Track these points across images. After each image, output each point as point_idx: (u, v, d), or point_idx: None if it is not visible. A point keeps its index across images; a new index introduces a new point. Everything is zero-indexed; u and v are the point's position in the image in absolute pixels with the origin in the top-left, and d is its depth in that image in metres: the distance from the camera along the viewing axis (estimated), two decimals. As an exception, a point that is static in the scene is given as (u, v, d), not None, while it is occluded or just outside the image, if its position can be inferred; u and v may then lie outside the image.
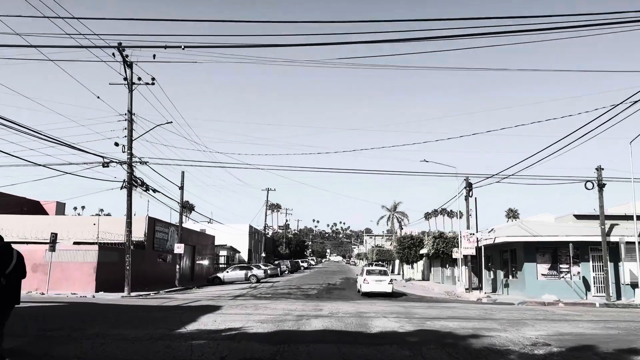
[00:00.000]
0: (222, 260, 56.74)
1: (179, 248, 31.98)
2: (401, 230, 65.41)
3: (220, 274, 38.07)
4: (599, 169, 24.46)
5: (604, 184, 24.32)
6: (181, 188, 33.21)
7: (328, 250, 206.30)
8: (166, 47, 26.34)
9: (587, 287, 25.14)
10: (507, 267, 28.29)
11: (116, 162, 24.41)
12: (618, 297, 24.60)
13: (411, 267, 55.95)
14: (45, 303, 18.35)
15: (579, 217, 28.06)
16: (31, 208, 37.32)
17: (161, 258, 34.14)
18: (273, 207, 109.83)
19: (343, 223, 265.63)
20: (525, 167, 28.31)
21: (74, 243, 27.98)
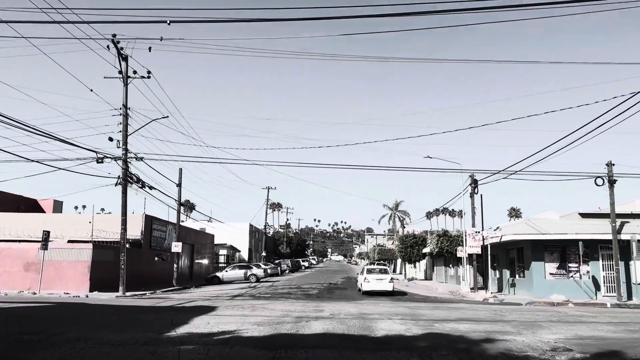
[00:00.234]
0: (222, 259, 55.98)
1: (177, 247, 31.20)
2: (403, 229, 64.55)
3: (219, 274, 37.29)
4: (610, 165, 23.63)
5: (615, 180, 23.48)
6: (179, 185, 32.46)
7: (329, 249, 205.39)
8: (162, 39, 25.40)
9: (597, 287, 24.31)
10: (514, 266, 27.47)
11: (110, 158, 23.62)
12: (629, 297, 23.75)
13: (413, 266, 55.18)
14: (34, 303, 17.58)
15: (584, 216, 27.39)
16: (28, 206, 36.62)
17: (159, 257, 33.30)
18: (274, 206, 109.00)
19: (344, 222, 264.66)
20: (532, 163, 27.55)
21: (69, 241, 27.29)
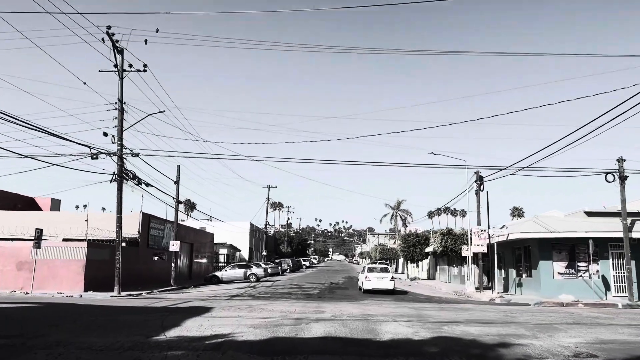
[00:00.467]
0: (222, 258, 55.25)
1: (175, 245, 30.43)
2: (405, 228, 63.78)
3: (218, 273, 36.53)
4: (621, 160, 22.84)
5: (627, 176, 22.70)
6: (177, 183, 31.69)
7: (330, 249, 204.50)
8: (158, 31, 24.48)
9: (607, 287, 23.53)
10: (520, 266, 26.70)
11: (105, 153, 22.87)
12: (640, 297, 22.97)
13: (416, 266, 54.34)
14: (23, 304, 16.84)
15: (590, 214, 26.73)
16: (25, 204, 35.89)
17: (158, 256, 32.53)
18: (275, 206, 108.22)
19: (345, 222, 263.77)
20: (540, 159, 26.80)
21: (64, 240, 26.54)
